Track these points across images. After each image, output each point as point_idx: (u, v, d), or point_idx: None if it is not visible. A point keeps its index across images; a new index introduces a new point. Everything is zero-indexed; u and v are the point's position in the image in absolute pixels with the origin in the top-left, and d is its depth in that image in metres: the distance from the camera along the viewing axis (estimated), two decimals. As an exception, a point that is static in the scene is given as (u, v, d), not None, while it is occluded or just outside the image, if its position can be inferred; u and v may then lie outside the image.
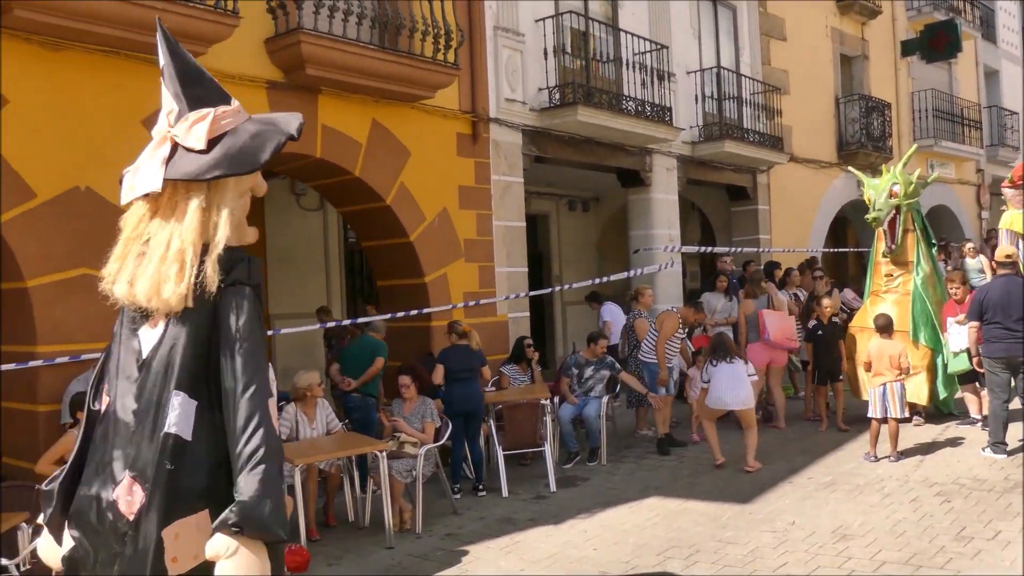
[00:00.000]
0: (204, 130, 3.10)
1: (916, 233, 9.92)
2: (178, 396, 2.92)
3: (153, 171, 3.04)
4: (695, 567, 5.79)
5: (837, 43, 18.34)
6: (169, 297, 2.91)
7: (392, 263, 9.91)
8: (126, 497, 2.87)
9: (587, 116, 10.93)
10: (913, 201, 9.85)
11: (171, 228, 2.99)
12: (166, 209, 3.03)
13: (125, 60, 7.15)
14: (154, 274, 2.93)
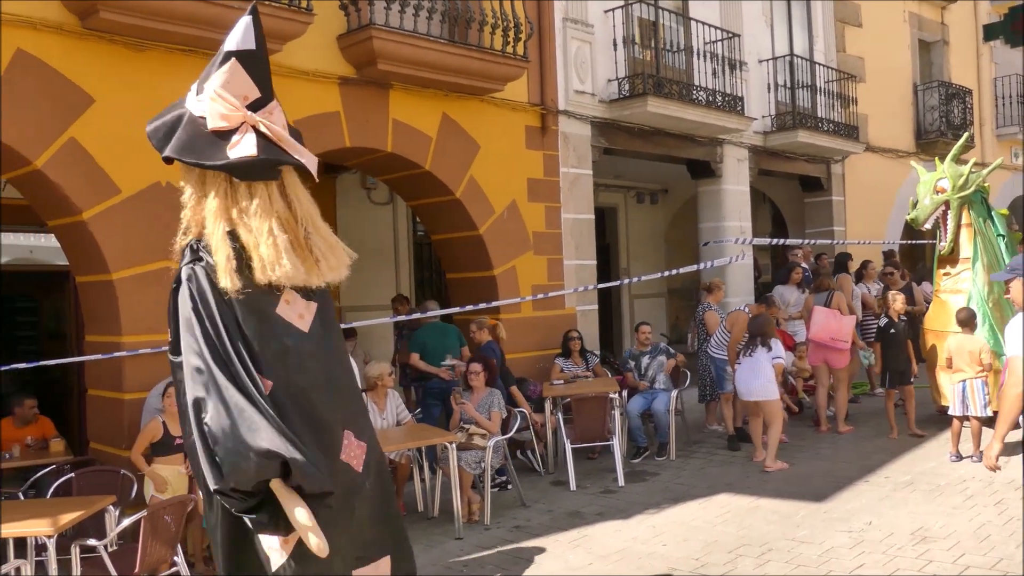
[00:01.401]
0: (284, 120, 3.28)
1: (975, 227, 9.31)
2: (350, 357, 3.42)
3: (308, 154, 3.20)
4: (768, 566, 5.71)
5: (915, 28, 17.81)
6: (343, 273, 3.25)
7: (461, 256, 9.97)
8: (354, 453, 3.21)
9: (657, 107, 10.82)
10: (966, 194, 9.25)
11: (314, 212, 3.25)
12: (291, 194, 3.22)
13: (203, 59, 7.28)
14: (333, 256, 3.24)
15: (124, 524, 5.19)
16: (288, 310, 3.24)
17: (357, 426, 3.26)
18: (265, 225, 3.12)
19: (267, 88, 3.28)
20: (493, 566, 6.06)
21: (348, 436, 3.23)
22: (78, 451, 7.88)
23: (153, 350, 6.84)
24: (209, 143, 3.20)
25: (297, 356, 3.20)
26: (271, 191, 3.22)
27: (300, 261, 3.16)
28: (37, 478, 6.60)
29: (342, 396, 3.27)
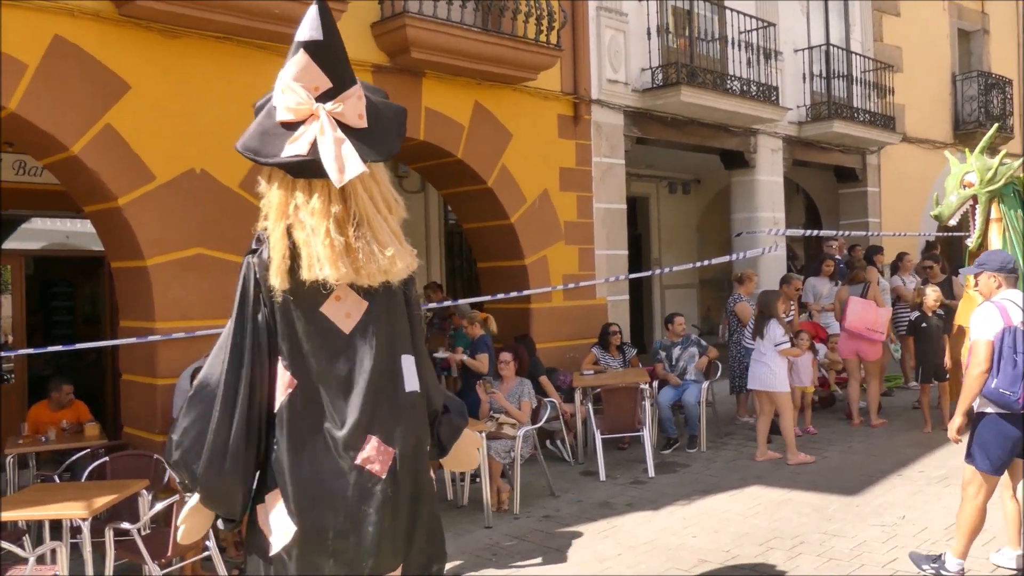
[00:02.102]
0: (363, 108, 3.25)
1: (1007, 221, 8.75)
2: (406, 358, 3.32)
3: (353, 152, 3.13)
4: (799, 559, 5.67)
5: (954, 17, 17.50)
6: (401, 270, 3.22)
7: (492, 245, 9.96)
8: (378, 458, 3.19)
9: (691, 96, 10.73)
10: (995, 188, 8.72)
11: (379, 208, 3.23)
12: (362, 190, 3.19)
13: (238, 46, 7.36)
14: (384, 256, 3.16)
15: (157, 508, 5.25)
16: (336, 308, 3.25)
17: (388, 431, 3.22)
18: (322, 225, 3.12)
19: (340, 77, 3.23)
20: (522, 555, 6.07)
21: (372, 440, 3.20)
22: (112, 435, 8.00)
23: (186, 335, 6.91)
24: (275, 135, 3.21)
25: (326, 357, 3.21)
26: (330, 187, 3.17)
27: (350, 263, 3.15)
28: (72, 461, 6.69)
29: (374, 400, 3.22)
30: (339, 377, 3.21)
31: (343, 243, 3.14)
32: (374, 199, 3.26)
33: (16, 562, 4.88)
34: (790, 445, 8.21)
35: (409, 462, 3.28)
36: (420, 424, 3.38)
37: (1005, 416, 4.87)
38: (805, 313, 10.71)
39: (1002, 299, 5.03)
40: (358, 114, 3.23)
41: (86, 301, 11.52)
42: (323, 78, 3.21)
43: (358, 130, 3.22)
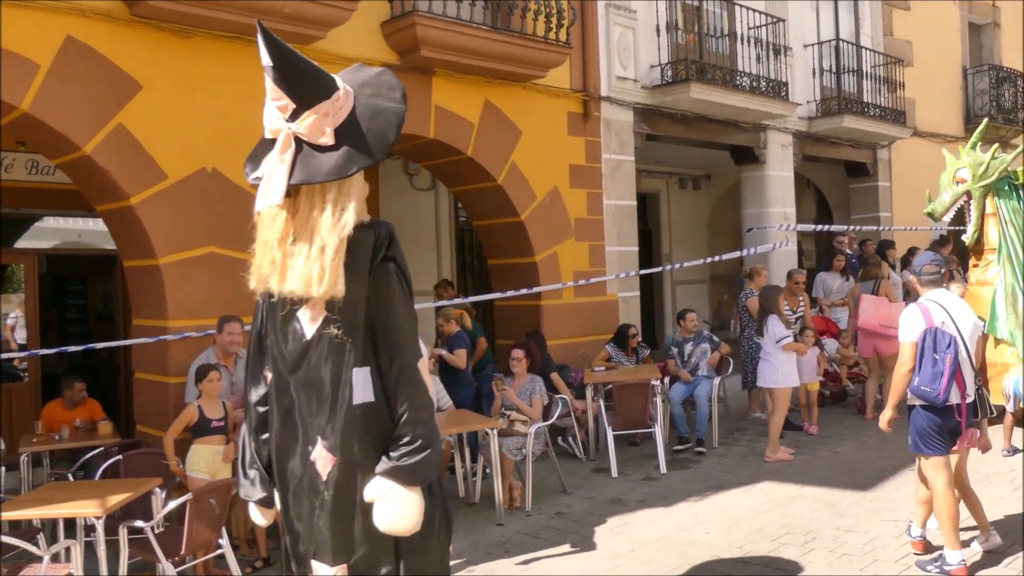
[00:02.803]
0: (329, 125, 3.34)
1: (1001, 216, 8.75)
2: (357, 371, 3.39)
3: (281, 180, 3.32)
4: (812, 554, 5.66)
5: (965, 11, 17.40)
6: (319, 293, 3.30)
7: (503, 242, 9.97)
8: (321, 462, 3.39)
9: (700, 93, 10.71)
10: (988, 183, 8.73)
11: (313, 226, 3.34)
12: (305, 207, 3.37)
13: (248, 46, 7.37)
14: (303, 273, 3.31)
15: (170, 506, 5.28)
16: (307, 314, 3.47)
17: (331, 439, 3.39)
18: (265, 241, 3.41)
19: (301, 96, 3.37)
20: (534, 552, 6.08)
21: (320, 443, 3.41)
22: (125, 433, 8.05)
23: (198, 334, 6.94)
24: (261, 153, 3.50)
25: (294, 357, 3.47)
26: (287, 204, 3.41)
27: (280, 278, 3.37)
28: (86, 460, 6.73)
29: (323, 406, 3.42)
30: (299, 378, 3.45)
31: (281, 260, 3.35)
32: (311, 218, 3.37)
33: (31, 560, 4.92)
34: (772, 441, 8.21)
35: (351, 472, 3.38)
36: (365, 436, 3.41)
37: (929, 408, 5.16)
38: (816, 308, 10.68)
39: (927, 300, 5.32)
40: (322, 131, 3.34)
41: (99, 299, 11.59)
42: (286, 98, 3.35)
43: (321, 148, 3.34)
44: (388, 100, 3.53)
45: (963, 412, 5.13)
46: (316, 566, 3.49)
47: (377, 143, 3.45)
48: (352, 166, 3.39)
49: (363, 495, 3.39)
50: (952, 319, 5.20)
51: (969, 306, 8.54)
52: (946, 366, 5.03)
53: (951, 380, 5.03)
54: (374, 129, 3.45)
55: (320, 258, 3.34)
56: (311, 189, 3.40)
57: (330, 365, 3.42)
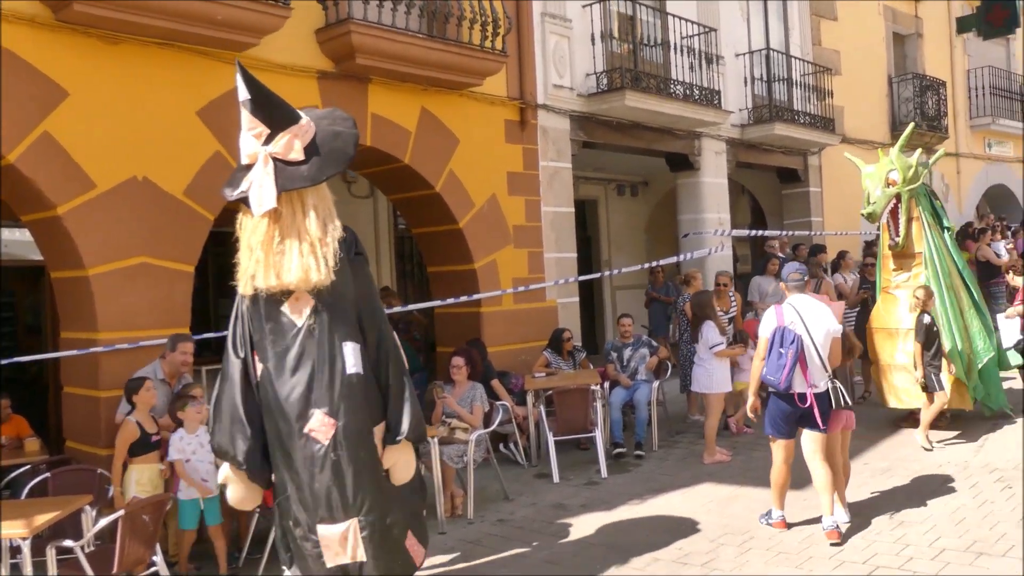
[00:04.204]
0: (300, 145, 4.13)
1: (923, 220, 8.87)
2: (348, 345, 4.14)
3: (269, 189, 4.07)
4: (749, 554, 5.76)
5: (890, 21, 17.95)
6: (317, 280, 4.05)
7: (442, 250, 9.95)
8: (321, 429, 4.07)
9: (635, 101, 10.84)
10: (915, 186, 8.82)
11: (299, 226, 4.11)
12: (288, 213, 4.13)
13: (180, 52, 7.26)
14: (299, 266, 4.04)
15: (101, 524, 5.13)
16: (293, 306, 4.16)
17: (330, 406, 4.07)
18: (255, 244, 4.15)
19: (275, 122, 4.16)
20: (477, 560, 6.07)
21: (316, 414, 4.08)
22: (55, 450, 7.80)
23: (130, 346, 6.79)
24: (239, 176, 4.28)
25: (282, 345, 4.12)
26: (269, 213, 4.13)
27: (274, 274, 4.09)
28: (12, 478, 6.50)
29: (318, 381, 4.09)
30: (291, 361, 4.09)
31: (266, 259, 4.10)
32: (296, 220, 4.14)
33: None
34: (709, 444, 8.35)
35: (351, 433, 4.09)
36: (362, 401, 4.16)
37: (779, 395, 5.97)
38: (752, 312, 10.87)
39: (786, 303, 6.10)
40: (293, 149, 4.13)
41: (27, 311, 11.24)
42: (261, 126, 4.13)
43: (294, 163, 4.12)
44: (343, 127, 4.37)
45: (809, 400, 5.84)
46: (323, 530, 4.11)
47: (340, 157, 4.25)
48: (323, 174, 4.16)
49: (361, 454, 4.08)
50: (802, 320, 5.93)
51: (888, 310, 8.76)
52: (788, 359, 5.81)
53: (791, 371, 5.80)
54: (336, 147, 4.24)
55: (313, 252, 4.07)
56: (291, 197, 4.14)
57: (324, 344, 4.09)
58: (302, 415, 4.06)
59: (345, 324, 4.19)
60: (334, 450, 4.05)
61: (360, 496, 4.10)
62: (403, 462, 4.35)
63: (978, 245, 14.79)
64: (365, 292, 4.37)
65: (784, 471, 6.16)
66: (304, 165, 4.12)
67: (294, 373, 4.08)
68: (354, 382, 4.14)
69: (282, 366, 4.10)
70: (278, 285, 4.10)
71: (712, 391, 8.44)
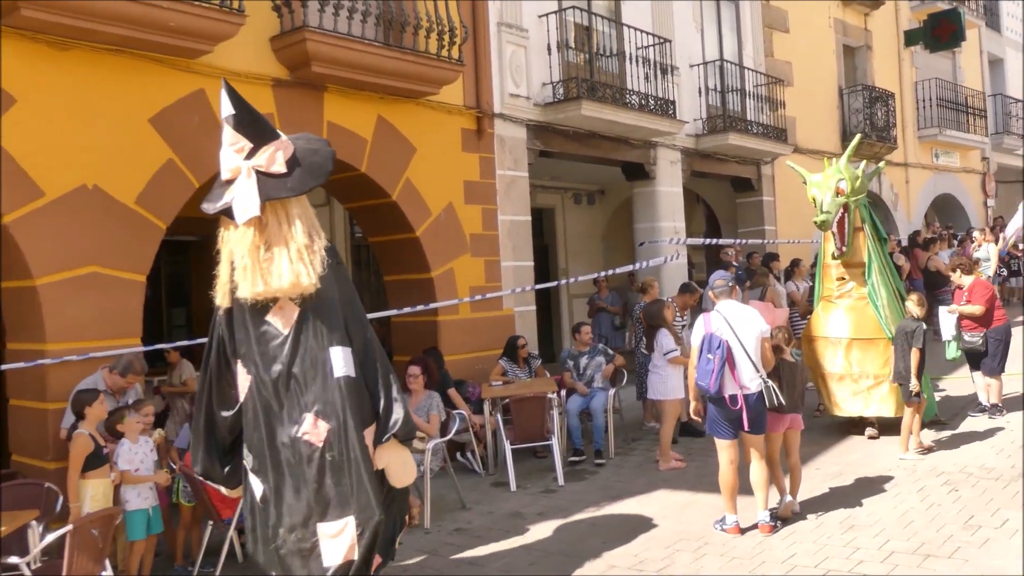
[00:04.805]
0: (283, 158, 4.31)
1: (866, 230, 8.95)
2: (336, 349, 4.25)
3: (253, 198, 4.20)
4: (704, 559, 5.82)
5: (840, 34, 18.31)
6: (307, 285, 4.19)
7: (398, 258, 9.93)
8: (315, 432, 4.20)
9: (591, 111, 10.92)
10: (861, 197, 8.91)
11: (286, 235, 4.28)
12: (273, 222, 4.29)
13: (131, 59, 7.17)
14: (290, 271, 4.18)
15: (48, 540, 5.03)
16: (278, 314, 4.27)
17: (321, 409, 4.19)
18: (241, 254, 4.24)
19: (257, 136, 4.33)
20: (433, 570, 6.05)
21: (308, 417, 4.20)
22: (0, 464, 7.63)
23: (79, 357, 6.67)
24: (220, 191, 4.38)
25: (270, 354, 4.23)
26: (254, 224, 4.26)
27: (262, 282, 4.19)
28: (-44, 493, 6.35)
29: (307, 386, 4.22)
30: (280, 368, 4.20)
31: (252, 266, 4.17)
32: (282, 229, 4.27)
33: None
34: (664, 450, 8.42)
35: (343, 434, 4.19)
36: (352, 403, 4.24)
37: (713, 399, 6.20)
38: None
39: (714, 310, 6.35)
40: (276, 162, 4.28)
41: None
42: (244, 140, 4.28)
43: (277, 175, 4.27)
44: (319, 145, 4.59)
45: (740, 402, 6.07)
46: (322, 528, 4.22)
47: (320, 170, 4.44)
48: (305, 185, 4.35)
49: (353, 455, 4.19)
50: (729, 325, 6.16)
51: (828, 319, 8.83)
52: (715, 364, 6.04)
53: (719, 375, 6.04)
54: (316, 161, 4.44)
55: (302, 258, 4.23)
56: (275, 207, 4.31)
57: (313, 349, 4.22)
58: (295, 419, 4.18)
59: (332, 329, 4.32)
60: (329, 451, 4.17)
61: (355, 494, 4.22)
62: (398, 462, 4.49)
63: (928, 255, 15.13)
64: (349, 298, 4.53)
65: (731, 472, 6.32)
66: (287, 177, 4.28)
67: (284, 379, 4.19)
68: (343, 385, 4.25)
69: (270, 373, 4.21)
70: (265, 291, 4.21)
71: (667, 398, 8.53)
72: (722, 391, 6.08)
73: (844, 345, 8.71)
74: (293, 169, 4.35)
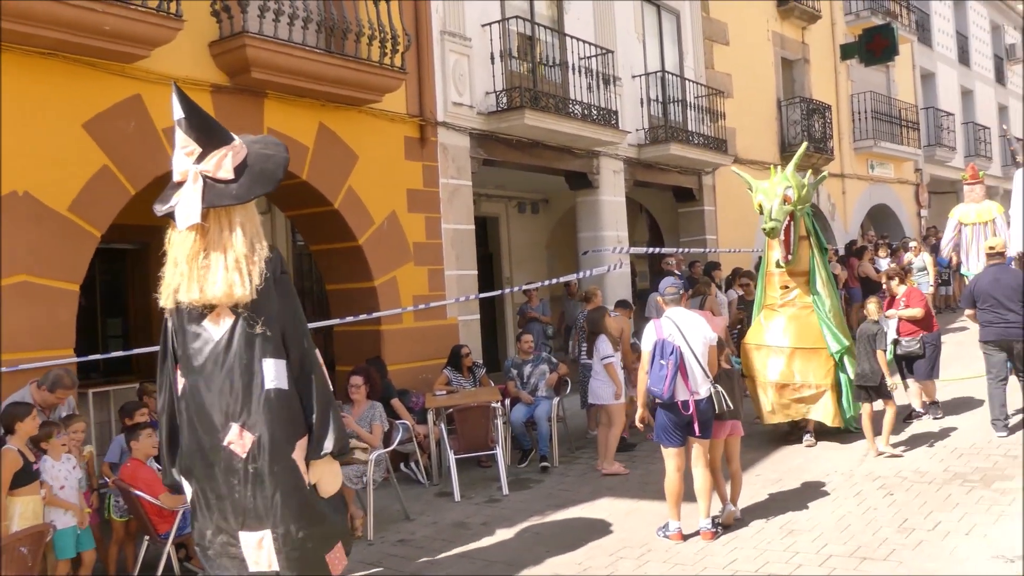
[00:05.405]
0: (231, 163, 4.27)
1: (810, 239, 8.95)
2: (268, 361, 4.22)
3: (195, 204, 4.20)
4: (647, 566, 5.85)
5: (778, 47, 18.68)
6: (240, 295, 4.16)
7: (341, 267, 9.84)
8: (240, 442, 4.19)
9: (534, 120, 10.97)
10: (806, 205, 8.92)
11: (225, 242, 4.23)
12: (215, 229, 4.24)
13: (65, 63, 7.00)
14: (224, 280, 4.14)
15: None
16: (215, 321, 4.25)
17: (248, 420, 4.19)
18: (180, 259, 4.25)
19: (207, 141, 4.29)
20: (376, 580, 5.99)
21: (234, 427, 4.19)
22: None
23: (9, 369, 6.46)
24: (170, 193, 4.36)
25: (203, 359, 4.23)
26: (196, 229, 4.23)
27: (198, 288, 4.18)
28: None
29: (235, 395, 4.20)
30: (210, 374, 4.21)
31: (190, 272, 4.16)
32: (222, 237, 4.23)
33: None
34: (608, 455, 8.49)
35: (268, 446, 4.19)
36: (281, 415, 4.24)
37: (664, 405, 6.23)
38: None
39: (664, 317, 6.43)
40: (224, 168, 4.25)
41: None
42: (193, 144, 4.26)
43: (223, 181, 4.24)
44: (274, 151, 4.52)
45: (692, 407, 6.14)
46: (244, 536, 4.25)
47: (269, 178, 4.38)
48: (250, 194, 4.30)
49: (276, 468, 4.20)
50: (680, 331, 6.25)
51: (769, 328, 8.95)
52: (668, 369, 6.09)
53: (673, 380, 6.09)
54: (266, 168, 4.38)
55: (238, 267, 4.19)
56: (218, 213, 4.26)
57: (244, 359, 4.21)
58: (222, 427, 4.18)
59: (266, 340, 4.29)
60: (252, 462, 4.17)
61: (273, 509, 4.22)
62: (329, 475, 4.49)
63: (860, 262, 15.50)
64: (289, 310, 4.46)
65: (677, 479, 6.35)
66: (233, 184, 4.24)
67: (214, 386, 4.19)
68: (272, 397, 4.24)
69: (202, 379, 4.21)
70: (200, 299, 4.18)
71: (611, 402, 8.57)
72: (674, 397, 6.14)
73: (787, 354, 8.76)
74: (240, 176, 4.31)
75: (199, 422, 4.25)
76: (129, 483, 5.97)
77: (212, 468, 4.25)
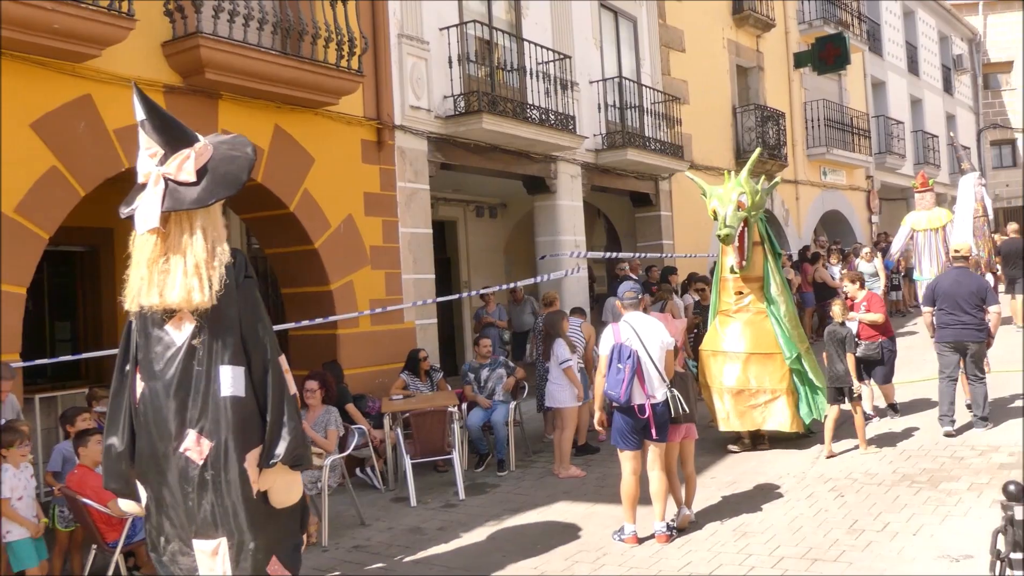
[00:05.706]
0: (192, 166, 4.20)
1: (764, 245, 8.98)
2: (226, 368, 4.18)
3: (154, 208, 4.14)
4: (603, 570, 5.87)
5: (734, 55, 18.92)
6: (199, 301, 4.10)
7: (297, 271, 9.75)
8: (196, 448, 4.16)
9: (492, 124, 10.97)
10: (759, 211, 8.94)
11: (185, 247, 4.16)
12: (175, 233, 4.19)
13: (12, 61, 6.85)
14: (182, 286, 4.08)
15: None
16: (176, 325, 4.21)
17: (206, 428, 4.15)
18: (140, 262, 4.20)
19: (169, 142, 4.25)
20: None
21: (191, 434, 4.15)
22: None
23: (-47, 375, 6.31)
24: (135, 195, 4.31)
25: (162, 364, 4.19)
26: (158, 232, 4.19)
27: (157, 293, 4.12)
28: None
29: (194, 401, 4.16)
30: (168, 380, 4.16)
31: (149, 276, 4.12)
32: (182, 241, 4.18)
33: None
34: (564, 458, 8.53)
35: (222, 454, 4.15)
36: (236, 424, 4.19)
37: (621, 409, 6.26)
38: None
39: (622, 321, 6.47)
40: (186, 171, 4.19)
41: None
42: (156, 146, 4.23)
43: (185, 184, 4.18)
44: (240, 151, 4.44)
45: (648, 411, 6.19)
46: (198, 544, 4.22)
47: (232, 182, 4.29)
48: (211, 197, 4.22)
49: (229, 476, 4.16)
50: (638, 336, 6.29)
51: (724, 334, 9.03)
52: (626, 373, 6.14)
53: (630, 384, 6.15)
54: (230, 171, 4.30)
55: (197, 273, 4.13)
56: (179, 217, 4.21)
57: (202, 365, 4.18)
58: (178, 434, 4.15)
59: (226, 347, 4.26)
60: (208, 469, 4.14)
61: (227, 517, 4.19)
62: (281, 485, 4.39)
63: (815, 268, 15.74)
64: (251, 316, 4.41)
65: (633, 483, 6.39)
66: (195, 187, 4.18)
67: (171, 392, 4.15)
68: (228, 405, 4.20)
69: (160, 384, 4.17)
70: (160, 304, 4.14)
71: (565, 405, 8.61)
72: (631, 400, 6.18)
73: (743, 359, 8.79)
74: (202, 178, 4.24)
75: (155, 428, 4.21)
76: (77, 491, 5.85)
77: (165, 475, 4.22)
